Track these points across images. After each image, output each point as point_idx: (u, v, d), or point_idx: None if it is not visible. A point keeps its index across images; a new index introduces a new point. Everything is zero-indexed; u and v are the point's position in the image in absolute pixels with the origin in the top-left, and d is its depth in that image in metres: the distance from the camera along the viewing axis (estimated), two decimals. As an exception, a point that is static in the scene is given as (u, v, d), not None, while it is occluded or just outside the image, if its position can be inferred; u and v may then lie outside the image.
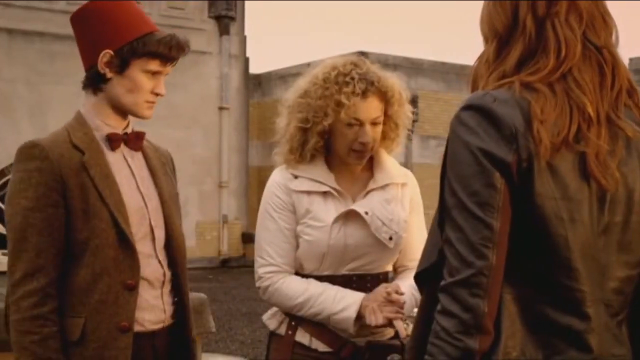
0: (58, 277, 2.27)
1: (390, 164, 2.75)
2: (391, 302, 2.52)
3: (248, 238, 16.95)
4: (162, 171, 2.53)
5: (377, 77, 2.61)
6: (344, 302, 2.55)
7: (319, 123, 2.61)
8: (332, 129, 2.62)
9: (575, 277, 1.61)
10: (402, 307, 2.53)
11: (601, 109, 1.64)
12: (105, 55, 2.33)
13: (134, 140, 2.46)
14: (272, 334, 2.73)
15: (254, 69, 19.64)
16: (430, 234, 1.74)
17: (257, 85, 20.02)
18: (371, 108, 2.60)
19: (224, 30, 16.88)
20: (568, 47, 1.65)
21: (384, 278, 2.71)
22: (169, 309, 2.46)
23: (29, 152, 2.28)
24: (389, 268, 2.75)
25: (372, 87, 2.59)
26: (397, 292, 2.52)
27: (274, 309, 2.75)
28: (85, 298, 2.28)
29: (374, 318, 2.50)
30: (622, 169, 1.64)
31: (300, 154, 2.68)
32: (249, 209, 17.60)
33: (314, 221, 2.62)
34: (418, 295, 2.62)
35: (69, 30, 2.53)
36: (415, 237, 2.74)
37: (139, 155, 2.49)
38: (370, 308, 2.52)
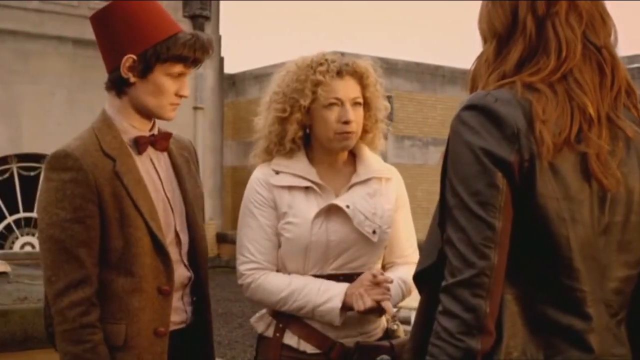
0: (98, 285, 2.28)
1: (373, 159, 2.74)
2: (377, 284, 2.49)
3: (222, 238, 16.91)
4: (186, 169, 2.51)
5: (350, 60, 2.65)
6: (328, 293, 2.52)
7: (297, 109, 2.60)
8: (312, 117, 2.62)
9: (576, 277, 1.61)
10: (388, 289, 2.50)
11: (601, 109, 1.64)
12: (128, 60, 2.29)
13: (161, 142, 2.43)
14: (260, 337, 2.70)
15: (229, 68, 19.57)
16: (429, 234, 1.73)
17: (231, 85, 19.96)
18: (349, 87, 2.61)
19: (198, 30, 16.80)
20: (569, 47, 1.65)
21: None
22: (190, 309, 2.48)
23: (63, 162, 2.25)
24: (377, 267, 2.72)
25: (346, 67, 2.62)
26: (380, 274, 2.50)
27: (262, 311, 2.73)
28: (124, 305, 2.29)
29: (362, 303, 2.47)
30: (622, 169, 1.64)
31: (278, 149, 2.66)
32: (224, 209, 17.56)
33: (294, 217, 2.59)
34: (405, 287, 2.64)
35: (42, 29, 2.50)
36: (403, 234, 2.73)
37: (164, 155, 2.47)
38: (357, 294, 2.49)
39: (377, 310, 2.51)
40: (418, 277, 1.75)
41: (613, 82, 1.67)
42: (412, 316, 8.33)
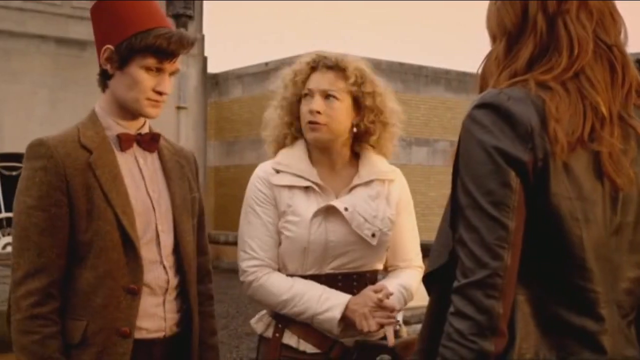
0: (61, 277, 2.23)
1: (377, 160, 2.72)
2: (382, 307, 2.49)
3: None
4: (177, 174, 2.46)
5: (340, 56, 2.67)
6: (328, 303, 2.52)
7: (282, 97, 2.69)
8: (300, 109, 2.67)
9: (590, 278, 1.59)
10: (393, 312, 2.50)
11: (613, 107, 1.63)
12: (106, 50, 2.29)
13: (148, 142, 2.40)
14: (261, 338, 2.69)
15: (212, 68, 19.52)
16: (439, 234, 1.71)
17: (214, 84, 19.88)
18: (323, 79, 2.63)
19: (181, 29, 16.74)
20: (581, 45, 1.63)
21: (371, 277, 2.67)
22: (172, 317, 2.38)
23: (36, 150, 2.25)
24: (378, 267, 2.71)
25: (326, 60, 2.64)
26: (386, 296, 2.49)
27: (261, 312, 2.71)
28: (87, 301, 2.24)
29: (366, 324, 2.48)
30: (634, 169, 1.63)
31: (284, 141, 2.71)
32: (207, 210, 17.44)
33: (294, 216, 2.58)
34: (406, 293, 2.64)
35: (24, 27, 2.48)
36: (407, 237, 2.72)
37: (153, 156, 2.43)
38: (361, 313, 2.49)
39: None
40: (428, 279, 1.73)
41: (624, 80, 1.66)
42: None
